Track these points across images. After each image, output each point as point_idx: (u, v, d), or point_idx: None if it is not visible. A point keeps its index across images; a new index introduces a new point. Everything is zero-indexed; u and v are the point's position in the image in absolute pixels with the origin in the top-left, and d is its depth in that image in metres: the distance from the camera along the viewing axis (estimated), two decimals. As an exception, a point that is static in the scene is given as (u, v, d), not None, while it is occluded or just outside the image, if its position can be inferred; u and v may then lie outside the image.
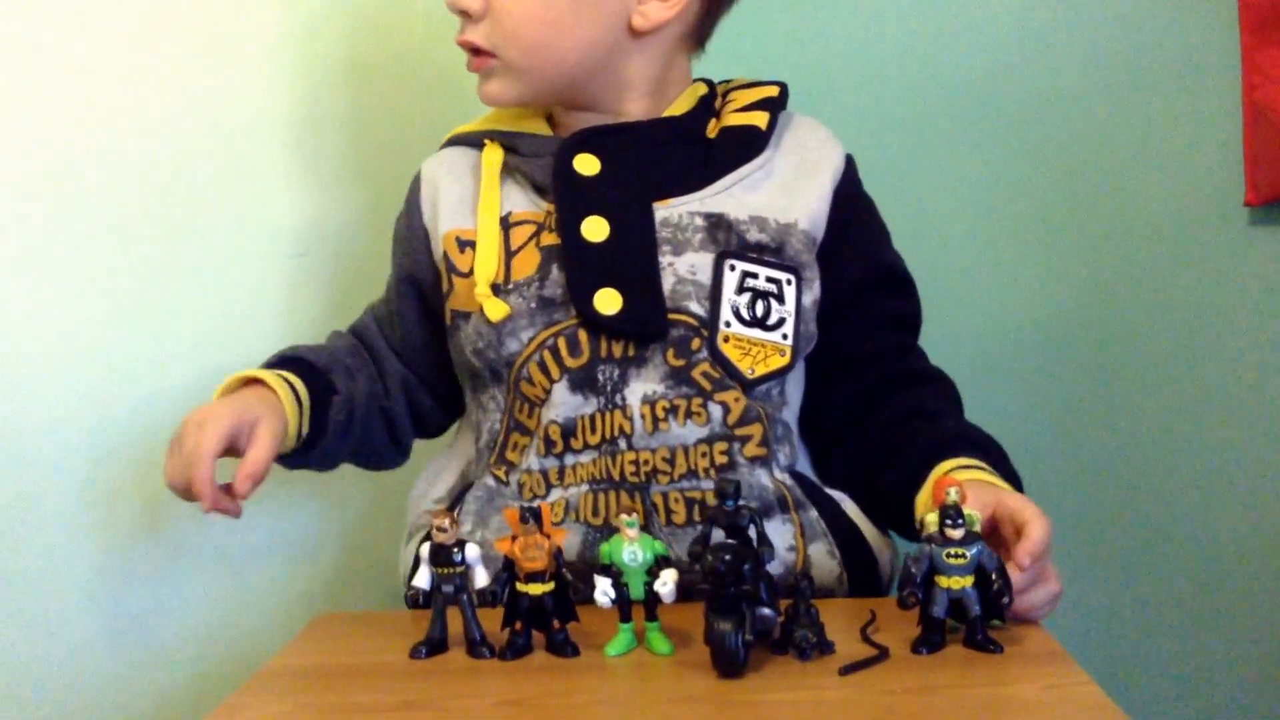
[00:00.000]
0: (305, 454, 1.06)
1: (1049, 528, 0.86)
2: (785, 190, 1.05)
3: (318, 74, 1.31)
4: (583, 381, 0.99)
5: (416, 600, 0.86)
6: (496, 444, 1.04)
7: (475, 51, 1.05)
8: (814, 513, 1.01)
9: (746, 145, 1.06)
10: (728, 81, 1.14)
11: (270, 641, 1.08)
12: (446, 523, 0.85)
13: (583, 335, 1.00)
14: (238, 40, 1.29)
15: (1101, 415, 1.35)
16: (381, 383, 1.11)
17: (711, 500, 0.96)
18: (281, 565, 1.32)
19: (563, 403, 0.99)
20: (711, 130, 1.08)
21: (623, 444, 0.99)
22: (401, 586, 1.05)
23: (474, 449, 1.08)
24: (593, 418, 0.99)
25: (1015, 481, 0.98)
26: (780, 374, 1.02)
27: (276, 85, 1.30)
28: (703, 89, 1.11)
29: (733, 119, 1.08)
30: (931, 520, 0.83)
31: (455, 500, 1.05)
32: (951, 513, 0.82)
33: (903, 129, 1.36)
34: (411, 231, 1.09)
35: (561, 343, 1.00)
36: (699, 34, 1.10)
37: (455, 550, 0.85)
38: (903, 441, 1.01)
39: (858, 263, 1.08)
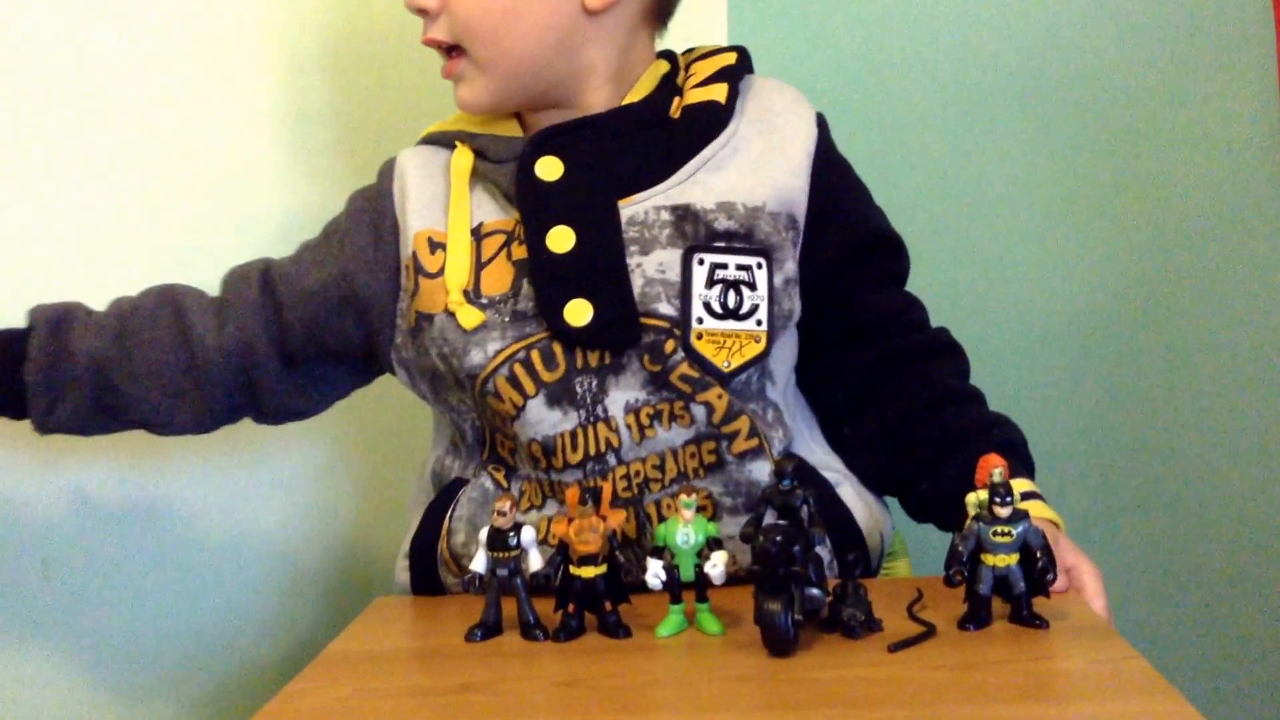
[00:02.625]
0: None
1: (1099, 580, 0.90)
2: (753, 168, 1.01)
3: (307, 70, 1.31)
4: (560, 395, 0.97)
5: (473, 584, 0.87)
6: (485, 441, 1.03)
7: (445, 55, 1.04)
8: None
9: (707, 124, 1.02)
10: (690, 51, 1.10)
11: (330, 626, 1.10)
12: (506, 505, 0.86)
13: (557, 348, 0.97)
14: (226, 38, 1.30)
15: (1138, 403, 1.35)
16: (187, 344, 1.05)
17: (703, 500, 0.97)
18: (335, 551, 1.34)
19: (540, 420, 0.97)
20: (675, 109, 1.04)
21: (611, 459, 0.98)
22: (404, 548, 1.06)
23: (449, 442, 1.07)
24: (573, 434, 0.97)
25: (1032, 470, 0.99)
26: (757, 361, 1.00)
27: (266, 81, 1.31)
28: (664, 67, 1.07)
29: (692, 96, 1.04)
30: (976, 500, 0.84)
31: (439, 500, 1.04)
32: (1001, 490, 0.82)
33: (941, 116, 1.36)
34: (381, 217, 1.05)
35: (535, 356, 0.97)
36: (660, 10, 1.06)
37: (511, 534, 0.86)
38: (937, 450, 1.01)
39: (850, 228, 1.05)
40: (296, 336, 1.06)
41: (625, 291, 0.97)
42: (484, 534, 0.87)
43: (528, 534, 0.87)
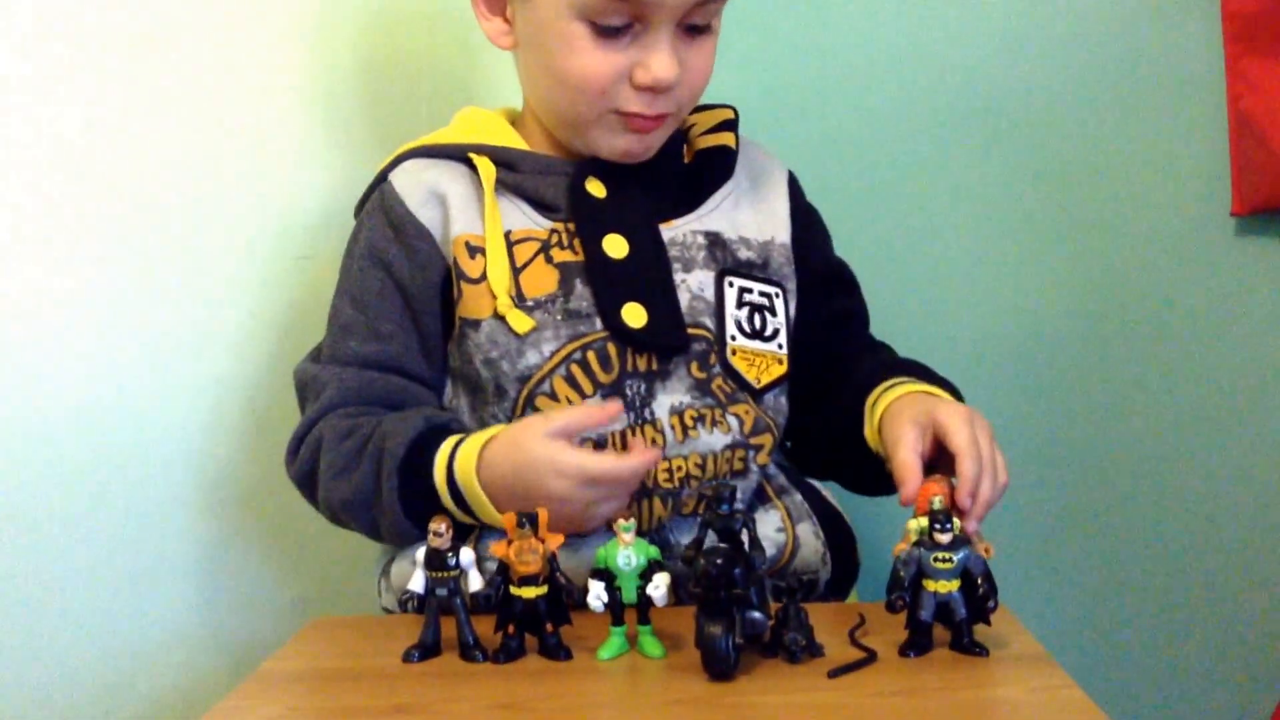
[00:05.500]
0: None
1: (982, 441, 0.91)
2: (756, 209, 1.11)
3: (328, 76, 1.32)
4: (612, 396, 1.00)
5: (410, 604, 0.86)
6: None
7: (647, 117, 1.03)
8: (798, 496, 1.06)
9: (723, 165, 1.11)
10: None
11: (264, 645, 1.08)
12: (442, 527, 0.85)
13: (612, 349, 1.01)
14: (246, 42, 1.29)
15: (1089, 422, 1.37)
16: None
17: None
18: (274, 569, 1.33)
19: None
20: (686, 154, 1.12)
21: None
22: (377, 599, 1.06)
23: None
24: (623, 434, 1.00)
25: (938, 380, 1.04)
26: (782, 381, 1.07)
27: (286, 86, 1.30)
28: None
29: (704, 141, 1.12)
30: (916, 526, 0.84)
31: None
32: (940, 517, 0.83)
33: (892, 137, 1.37)
34: (408, 243, 1.04)
35: (591, 356, 1.01)
36: None
37: (449, 554, 0.85)
38: (843, 378, 1.07)
39: (813, 266, 1.13)
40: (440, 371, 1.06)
41: (674, 301, 1.03)
42: (420, 553, 0.86)
43: (466, 554, 0.86)
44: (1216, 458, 1.34)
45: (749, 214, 1.10)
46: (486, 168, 1.05)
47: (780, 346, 1.07)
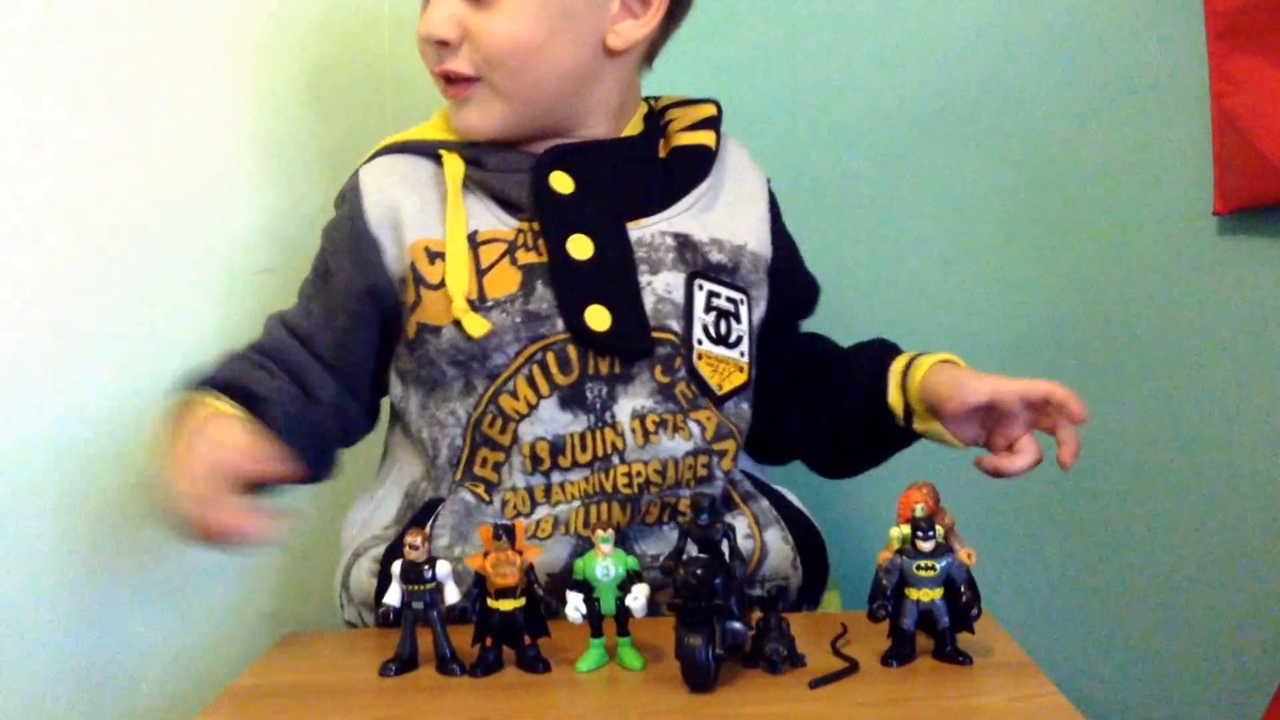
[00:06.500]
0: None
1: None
2: (731, 212, 1.09)
3: (292, 86, 1.30)
4: (571, 398, 1.00)
5: (387, 618, 0.86)
6: (460, 460, 1.02)
7: (454, 79, 1.04)
8: (765, 502, 1.06)
9: (699, 165, 1.09)
10: (657, 98, 1.15)
11: (237, 660, 1.07)
12: (419, 540, 0.84)
13: (572, 351, 1.00)
14: (201, 53, 1.28)
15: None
16: (306, 399, 1.04)
17: (685, 508, 0.99)
18: (247, 583, 1.31)
19: (551, 419, 0.99)
20: (661, 150, 1.10)
21: (615, 459, 1.00)
22: (340, 612, 1.05)
23: (420, 469, 1.06)
24: (583, 436, 0.99)
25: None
26: (742, 390, 1.06)
27: (242, 98, 1.29)
28: (645, 107, 1.13)
29: (682, 139, 1.10)
30: (898, 534, 0.83)
31: (413, 520, 1.03)
32: (922, 525, 0.82)
33: (871, 138, 1.37)
34: (359, 240, 1.04)
35: (550, 358, 1.00)
36: (653, 54, 1.12)
37: (426, 567, 0.84)
38: (845, 369, 1.08)
39: (796, 286, 1.15)
40: (346, 373, 1.06)
41: (638, 304, 1.02)
42: (397, 567, 0.85)
43: (443, 567, 0.85)
44: (1201, 458, 1.33)
45: (724, 216, 1.08)
46: (454, 166, 1.04)
47: (743, 354, 1.06)
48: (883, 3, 1.36)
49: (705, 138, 1.10)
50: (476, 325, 0.99)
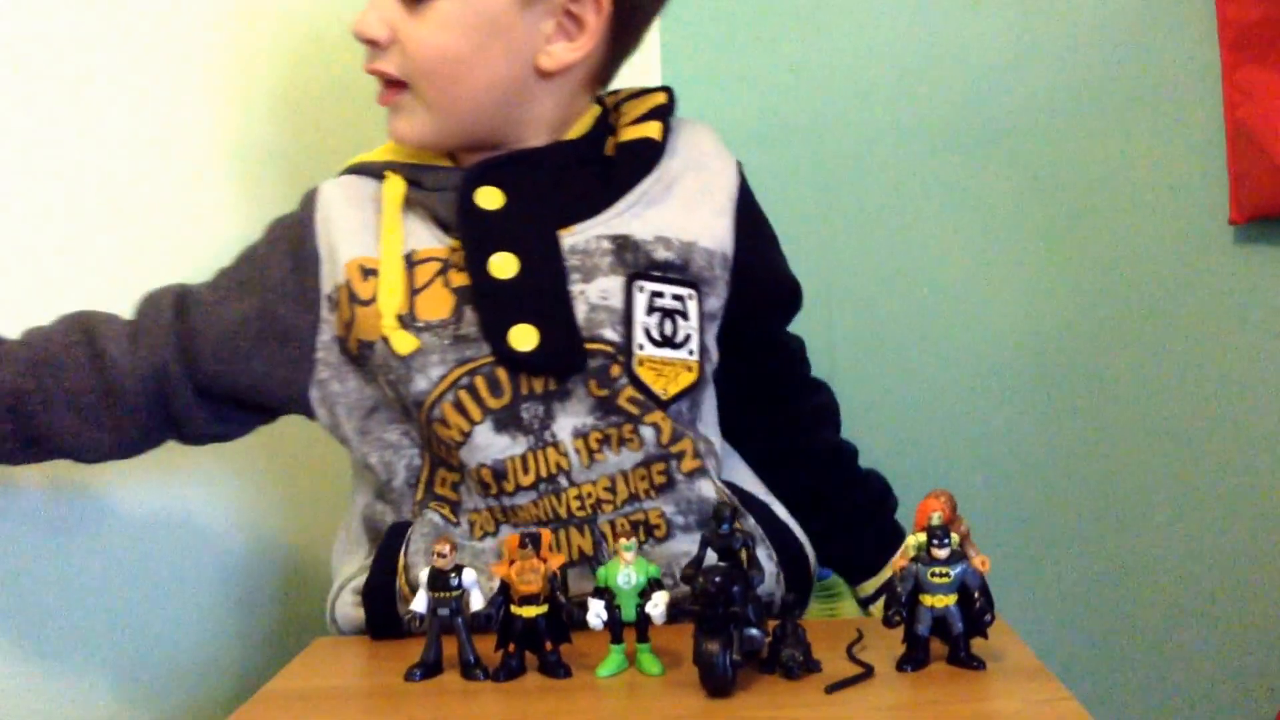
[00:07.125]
0: None
1: None
2: (684, 205, 1.03)
3: (266, 100, 1.30)
4: (508, 421, 0.97)
5: (414, 623, 0.87)
6: (420, 480, 1.01)
7: (386, 84, 1.03)
8: (751, 520, 1.02)
9: (643, 159, 1.04)
10: (615, 93, 1.11)
11: (269, 665, 1.09)
12: (446, 548, 0.86)
13: (501, 374, 0.97)
14: (176, 67, 1.27)
15: (1088, 433, 1.37)
16: (101, 370, 1.02)
17: (655, 519, 0.99)
18: (281, 589, 1.33)
19: (488, 445, 0.97)
20: (609, 148, 1.06)
21: (563, 481, 0.98)
22: (355, 584, 1.04)
23: (369, 494, 1.05)
24: (524, 458, 0.97)
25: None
26: (691, 390, 1.01)
27: (222, 109, 1.29)
28: (597, 110, 1.09)
29: (627, 133, 1.06)
30: (915, 542, 0.84)
31: (383, 548, 1.01)
32: (938, 533, 0.83)
33: (891, 148, 1.38)
34: (300, 245, 1.03)
35: (480, 382, 0.97)
36: (603, 75, 1.08)
37: (452, 575, 0.86)
38: (846, 519, 1.10)
39: (768, 282, 1.09)
40: (208, 367, 1.03)
41: (569, 317, 0.98)
42: (424, 574, 0.87)
43: (469, 575, 0.87)
44: (1216, 466, 1.34)
45: (674, 211, 1.02)
46: (394, 186, 1.03)
47: (691, 353, 1.01)
48: (902, 18, 1.38)
49: (650, 129, 1.05)
50: (404, 342, 0.97)
